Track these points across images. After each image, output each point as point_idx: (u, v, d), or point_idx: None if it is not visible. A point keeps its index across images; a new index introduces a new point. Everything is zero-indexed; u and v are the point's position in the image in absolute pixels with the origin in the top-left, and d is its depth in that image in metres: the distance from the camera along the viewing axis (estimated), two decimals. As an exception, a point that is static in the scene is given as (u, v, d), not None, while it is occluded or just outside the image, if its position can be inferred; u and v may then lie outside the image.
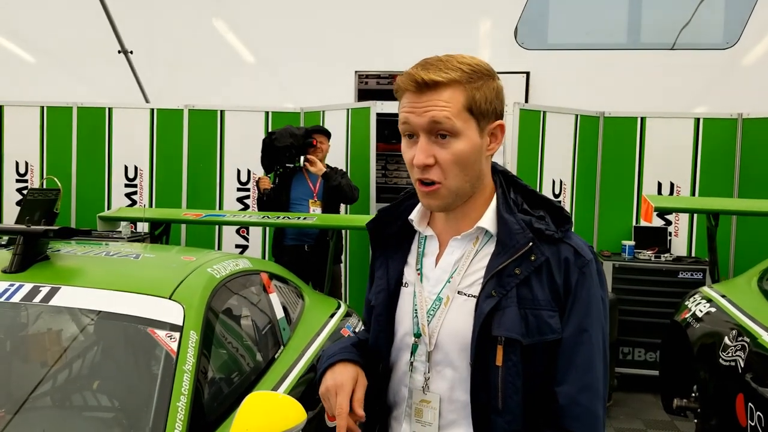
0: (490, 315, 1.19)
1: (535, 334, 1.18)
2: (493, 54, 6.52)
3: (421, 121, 1.18)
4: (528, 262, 1.20)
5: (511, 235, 1.22)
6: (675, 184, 5.34)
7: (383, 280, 1.35)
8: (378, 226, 1.40)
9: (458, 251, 1.27)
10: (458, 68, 1.18)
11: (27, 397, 1.93)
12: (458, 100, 1.18)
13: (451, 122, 1.17)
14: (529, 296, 1.20)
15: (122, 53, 6.08)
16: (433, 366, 1.25)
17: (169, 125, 5.48)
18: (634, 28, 6.73)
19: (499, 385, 1.18)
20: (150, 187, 5.54)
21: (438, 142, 1.19)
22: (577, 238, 1.27)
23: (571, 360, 1.19)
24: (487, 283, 1.21)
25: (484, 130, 1.21)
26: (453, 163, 1.19)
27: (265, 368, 2.45)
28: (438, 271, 1.28)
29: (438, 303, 1.26)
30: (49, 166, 5.52)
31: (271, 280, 2.92)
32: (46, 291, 2.11)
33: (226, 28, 6.98)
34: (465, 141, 1.19)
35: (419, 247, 1.33)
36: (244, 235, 5.53)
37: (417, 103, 1.19)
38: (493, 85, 1.21)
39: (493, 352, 1.18)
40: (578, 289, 1.21)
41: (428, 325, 1.25)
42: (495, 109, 1.22)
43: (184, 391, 1.87)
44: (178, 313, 2.08)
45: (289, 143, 4.59)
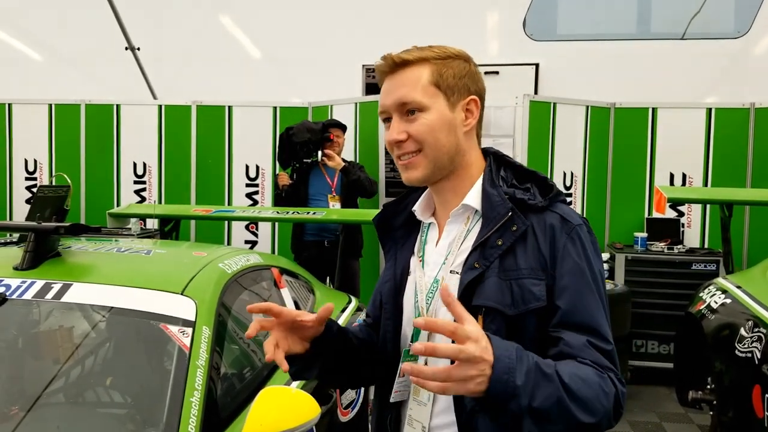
0: (470, 286, 1.20)
1: (520, 304, 1.18)
2: (502, 46, 6.48)
3: (390, 100, 1.25)
4: (509, 232, 1.21)
5: (492, 207, 1.24)
6: (687, 175, 5.29)
7: (390, 271, 1.38)
8: (384, 220, 1.42)
9: (453, 233, 1.30)
10: (429, 50, 1.26)
11: (40, 394, 1.93)
12: (424, 76, 1.24)
13: (416, 97, 1.23)
14: (513, 266, 1.20)
15: (129, 50, 6.08)
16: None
17: (177, 121, 5.48)
18: (644, 18, 6.67)
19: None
20: (159, 184, 5.54)
21: (408, 118, 1.25)
22: (565, 207, 1.27)
23: (569, 319, 1.18)
24: (470, 255, 1.23)
25: (455, 105, 1.25)
26: (425, 133, 1.23)
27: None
28: (436, 256, 1.31)
29: (435, 285, 1.28)
30: (58, 164, 5.54)
31: (282, 275, 2.90)
32: (58, 288, 2.10)
33: (232, 24, 6.96)
34: (434, 114, 1.24)
35: (422, 234, 1.37)
36: (254, 231, 5.52)
37: (388, 86, 1.26)
38: (464, 65, 1.27)
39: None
40: (566, 254, 1.21)
41: (427, 309, 1.28)
42: (466, 86, 1.27)
43: (198, 387, 1.86)
44: (191, 309, 2.07)
45: (307, 138, 4.57)
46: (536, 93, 5.95)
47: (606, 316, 1.22)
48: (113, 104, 5.54)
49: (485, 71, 6.43)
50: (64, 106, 5.55)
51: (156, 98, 6.20)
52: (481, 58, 6.01)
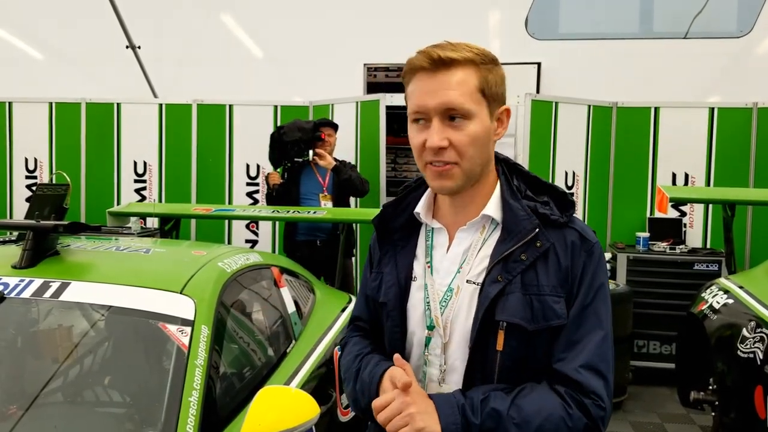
0: (494, 300, 1.19)
1: (540, 320, 1.18)
2: (504, 44, 6.46)
3: (435, 102, 1.17)
4: (534, 248, 1.20)
5: (517, 221, 1.22)
6: (689, 175, 5.27)
7: (392, 275, 1.33)
8: (383, 221, 1.39)
9: (466, 241, 1.27)
10: (470, 49, 1.19)
11: (38, 393, 1.91)
12: (472, 80, 1.18)
13: (466, 105, 1.17)
14: (534, 282, 1.20)
15: (130, 48, 6.06)
16: (448, 357, 1.25)
17: (178, 120, 5.46)
18: (646, 16, 6.65)
19: (495, 369, 1.20)
20: (159, 183, 5.53)
21: (451, 125, 1.18)
22: (581, 223, 1.27)
23: (571, 338, 1.20)
24: (493, 269, 1.21)
25: (493, 113, 1.22)
26: (468, 145, 1.19)
27: (276, 363, 2.43)
28: (447, 263, 1.28)
29: (449, 294, 1.25)
30: (59, 163, 5.52)
31: (282, 274, 2.89)
32: (57, 286, 2.09)
33: (233, 23, 6.95)
34: (478, 123, 1.19)
35: (427, 239, 1.33)
36: (254, 230, 5.51)
37: (431, 85, 1.18)
38: (499, 71, 1.23)
39: (494, 336, 1.19)
40: (585, 272, 1.21)
41: (441, 316, 1.25)
42: (503, 94, 1.23)
43: (196, 386, 1.85)
44: (190, 308, 2.06)
45: (298, 137, 4.55)
46: (538, 92, 5.94)
47: (608, 327, 1.22)
48: (114, 103, 5.53)
49: (487, 70, 6.41)
50: (65, 104, 5.54)
51: (156, 97, 6.19)
52: (482, 57, 5.87)
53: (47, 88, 5.96)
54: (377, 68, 7.26)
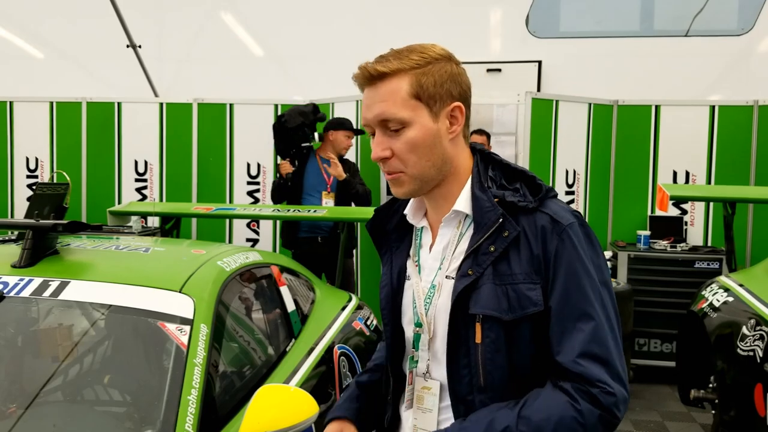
0: (465, 294, 1.19)
1: (517, 309, 1.18)
2: (505, 43, 6.45)
3: (371, 115, 1.21)
4: (501, 238, 1.20)
5: (483, 213, 1.22)
6: (690, 173, 5.26)
7: (387, 276, 1.37)
8: (377, 225, 1.41)
9: (446, 238, 1.28)
10: (406, 57, 1.20)
11: (38, 392, 1.92)
12: (403, 87, 1.18)
13: (397, 114, 1.18)
14: (507, 271, 1.19)
15: (131, 47, 6.07)
16: (433, 353, 1.27)
17: (179, 119, 5.47)
18: (647, 14, 6.63)
19: (479, 362, 1.19)
20: (160, 182, 5.53)
21: (392, 135, 1.20)
22: (556, 205, 1.24)
23: (564, 327, 1.17)
24: (464, 263, 1.22)
25: (438, 114, 1.21)
26: (408, 152, 1.20)
27: (276, 361, 2.43)
28: (431, 260, 1.30)
29: (432, 290, 1.27)
30: (59, 162, 5.53)
31: (282, 272, 2.89)
32: (56, 285, 2.09)
33: (234, 22, 6.95)
34: (416, 128, 1.19)
35: (416, 239, 1.35)
36: (255, 229, 5.51)
37: (368, 99, 1.21)
38: (445, 68, 1.21)
39: (473, 329, 1.19)
40: (559, 256, 1.18)
41: (426, 314, 1.27)
42: (449, 92, 1.21)
43: (195, 385, 1.85)
44: (189, 307, 2.06)
45: (300, 122, 4.54)
46: (539, 90, 5.93)
47: (601, 310, 1.19)
48: (114, 102, 5.54)
49: (488, 68, 6.40)
50: (65, 104, 5.55)
51: (157, 96, 6.19)
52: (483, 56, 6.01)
53: (48, 87, 5.97)
54: (378, 67, 7.26)
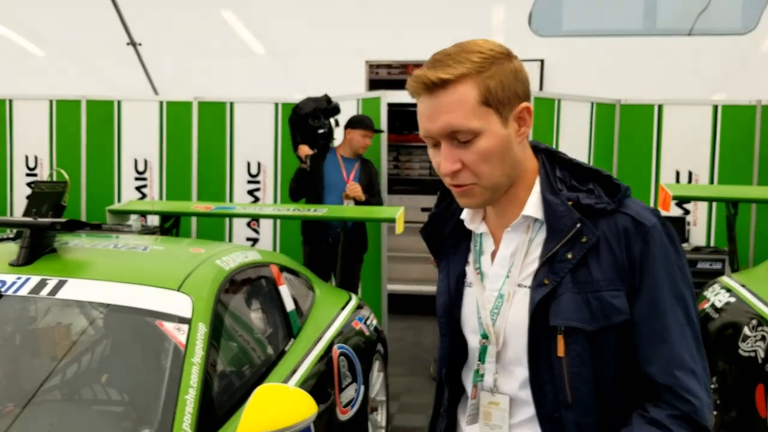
0: (544, 304, 1.12)
1: (600, 318, 1.11)
2: (507, 41, 6.38)
3: (436, 128, 1.11)
4: (579, 244, 1.12)
5: (557, 218, 1.15)
6: (693, 173, 5.24)
7: (444, 283, 1.30)
8: (432, 230, 1.34)
9: (512, 243, 1.20)
10: (467, 59, 1.10)
11: (35, 391, 1.91)
12: (471, 95, 1.09)
13: (468, 124, 1.09)
14: (588, 278, 1.12)
15: (131, 45, 6.06)
16: (502, 366, 1.20)
17: (179, 117, 5.45)
18: (650, 13, 6.62)
19: (564, 376, 1.12)
20: (160, 180, 5.52)
21: (460, 145, 1.12)
22: (636, 204, 1.16)
23: (652, 336, 1.11)
24: (539, 272, 1.14)
25: (507, 118, 1.13)
26: (481, 163, 1.12)
27: (275, 360, 2.42)
28: (495, 268, 1.22)
29: (500, 300, 1.20)
30: (59, 160, 5.52)
31: (282, 272, 2.88)
32: (53, 284, 2.08)
33: (235, 19, 6.94)
34: (488, 137, 1.11)
35: (475, 245, 1.28)
36: (255, 228, 5.50)
37: (430, 109, 1.11)
38: (509, 67, 1.12)
39: (554, 342, 1.12)
40: (644, 260, 1.11)
41: (493, 325, 1.20)
42: (516, 93, 1.13)
43: (193, 384, 1.84)
44: (187, 306, 2.05)
45: (313, 107, 4.55)
46: (541, 89, 5.93)
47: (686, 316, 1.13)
48: (114, 100, 5.52)
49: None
50: (65, 102, 5.53)
51: (157, 94, 6.18)
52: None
53: (47, 85, 5.96)
54: (379, 65, 7.24)
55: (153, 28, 6.46)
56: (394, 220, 3.72)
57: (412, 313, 6.70)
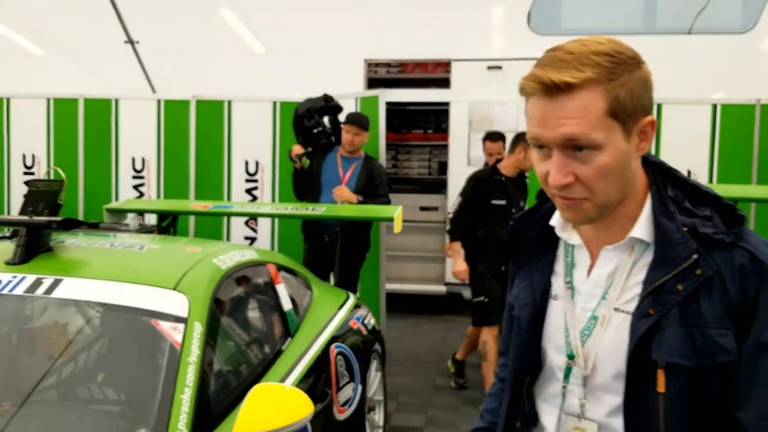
0: (647, 336, 1.05)
1: (704, 356, 1.02)
2: (506, 40, 6.44)
3: (553, 136, 1.01)
4: (693, 276, 1.03)
5: (671, 246, 1.05)
6: (692, 171, 5.22)
7: (528, 293, 1.21)
8: (516, 234, 1.26)
9: (611, 263, 1.11)
10: (596, 63, 0.99)
11: (31, 390, 1.90)
12: (597, 106, 0.99)
13: (591, 136, 0.99)
14: (695, 313, 1.03)
15: (128, 44, 6.04)
16: (590, 391, 1.13)
17: (176, 116, 5.44)
18: (649, 12, 6.61)
19: (660, 413, 1.05)
20: (157, 179, 5.50)
21: (576, 156, 1.02)
22: (755, 238, 1.07)
23: (751, 381, 1.03)
24: (644, 300, 1.06)
25: (631, 131, 1.03)
26: (597, 179, 1.02)
27: (272, 360, 2.41)
28: (590, 286, 1.14)
29: (593, 322, 1.12)
30: (56, 159, 5.50)
31: (279, 271, 2.87)
32: (49, 283, 2.07)
33: (233, 18, 6.93)
34: (609, 152, 1.01)
35: (566, 255, 1.19)
36: (253, 227, 5.49)
37: (547, 113, 1.01)
38: (639, 75, 1.02)
39: (653, 376, 1.05)
40: (759, 300, 1.02)
41: (582, 346, 1.12)
42: (643, 105, 1.03)
43: (189, 383, 1.84)
44: (183, 305, 2.04)
45: (309, 107, 4.58)
46: (540, 88, 5.90)
47: None
48: (112, 99, 5.51)
49: (488, 66, 6.38)
50: (63, 100, 5.52)
51: (155, 92, 6.17)
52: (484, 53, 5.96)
53: (45, 83, 5.95)
54: (378, 64, 7.23)
55: (151, 26, 6.45)
56: (393, 219, 3.71)
57: (410, 312, 6.69)
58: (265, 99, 5.40)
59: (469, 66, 6.39)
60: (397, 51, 6.75)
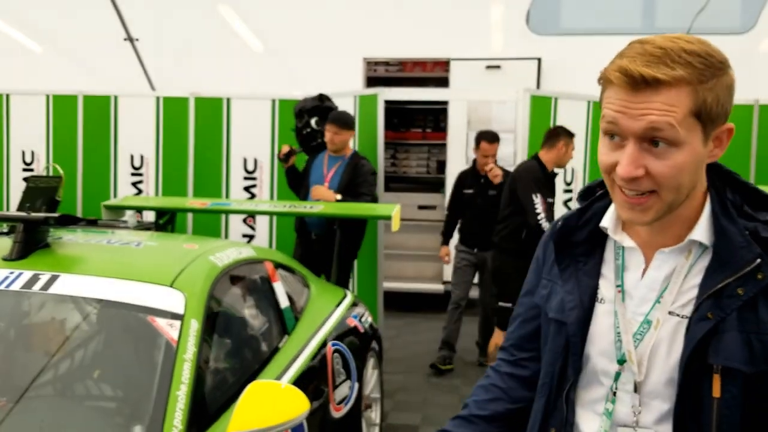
0: (704, 340, 1.03)
1: (761, 363, 1.02)
2: (505, 40, 6.44)
3: (634, 125, 0.99)
4: (754, 281, 1.02)
5: (733, 249, 1.04)
6: (689, 172, 5.24)
7: (575, 295, 1.18)
8: (563, 235, 1.23)
9: (667, 265, 1.10)
10: (687, 62, 0.97)
11: (27, 386, 1.90)
12: (685, 104, 0.97)
13: (674, 131, 0.97)
14: (753, 318, 1.02)
15: (128, 41, 6.04)
16: (645, 397, 1.11)
17: (175, 113, 5.43)
18: (648, 12, 6.62)
19: (713, 419, 1.04)
20: (156, 176, 5.50)
21: (651, 150, 1.00)
22: None
23: None
24: (702, 304, 1.04)
25: (709, 135, 1.02)
26: (670, 177, 1.00)
27: (268, 357, 2.42)
28: (643, 289, 1.12)
29: (647, 326, 1.10)
30: (55, 155, 5.50)
31: (276, 269, 2.87)
32: (46, 279, 2.08)
33: (233, 15, 6.93)
34: (687, 152, 0.99)
35: (617, 258, 1.17)
36: (251, 225, 5.49)
37: (631, 103, 0.99)
38: (726, 81, 1.00)
39: (708, 381, 1.04)
40: None
41: (635, 350, 1.10)
42: (726, 111, 1.02)
43: (185, 380, 1.84)
44: (179, 302, 2.05)
45: (300, 107, 4.62)
46: (538, 87, 5.91)
47: None
48: (111, 96, 5.50)
49: (487, 65, 6.38)
50: (62, 97, 5.51)
51: (154, 89, 6.17)
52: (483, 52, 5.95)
53: (44, 80, 5.95)
54: (377, 62, 7.23)
55: (150, 23, 6.45)
56: (391, 218, 3.71)
57: (407, 310, 6.70)
58: (264, 97, 5.40)
59: (468, 65, 6.40)
60: (397, 50, 6.76)
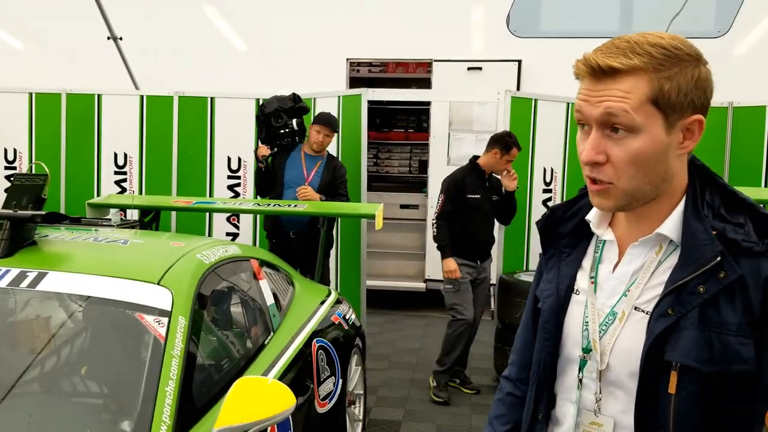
0: (662, 336, 1.04)
1: (720, 363, 1.02)
2: (486, 42, 6.50)
3: (594, 111, 1.04)
4: (715, 279, 1.03)
5: (696, 246, 1.05)
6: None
7: (553, 284, 1.22)
8: (549, 225, 1.27)
9: (638, 260, 1.12)
10: (647, 53, 1.01)
11: (14, 383, 1.92)
12: (641, 91, 1.01)
13: (629, 116, 1.01)
14: (716, 318, 1.03)
15: (111, 39, 6.02)
16: (605, 386, 1.13)
17: (159, 112, 5.43)
18: (626, 16, 6.72)
19: (670, 413, 1.05)
20: (140, 174, 5.49)
21: (611, 137, 1.04)
22: None
23: (763, 396, 1.04)
24: (663, 300, 1.06)
25: (674, 125, 1.04)
26: (627, 163, 1.04)
27: (254, 354, 2.45)
28: (613, 282, 1.14)
29: (612, 318, 1.13)
30: (38, 153, 5.47)
31: (261, 266, 2.91)
32: (33, 276, 2.09)
33: (217, 15, 6.92)
34: (645, 138, 1.02)
35: (596, 251, 1.19)
36: (235, 223, 5.50)
37: (592, 91, 1.05)
38: (693, 72, 1.03)
39: (667, 377, 1.05)
40: None
41: (599, 341, 1.13)
42: (692, 102, 1.03)
43: (173, 376, 1.87)
44: (167, 299, 2.07)
45: (276, 107, 4.56)
46: (518, 89, 5.99)
47: None
48: (94, 94, 5.48)
49: (468, 67, 6.45)
50: (45, 95, 5.49)
51: (138, 89, 6.15)
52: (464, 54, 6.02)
53: (27, 78, 5.90)
54: (360, 63, 7.27)
55: (134, 22, 6.42)
56: (374, 217, 3.76)
57: (390, 308, 6.76)
58: (248, 96, 5.41)
59: (450, 66, 6.46)
60: (380, 50, 6.79)
